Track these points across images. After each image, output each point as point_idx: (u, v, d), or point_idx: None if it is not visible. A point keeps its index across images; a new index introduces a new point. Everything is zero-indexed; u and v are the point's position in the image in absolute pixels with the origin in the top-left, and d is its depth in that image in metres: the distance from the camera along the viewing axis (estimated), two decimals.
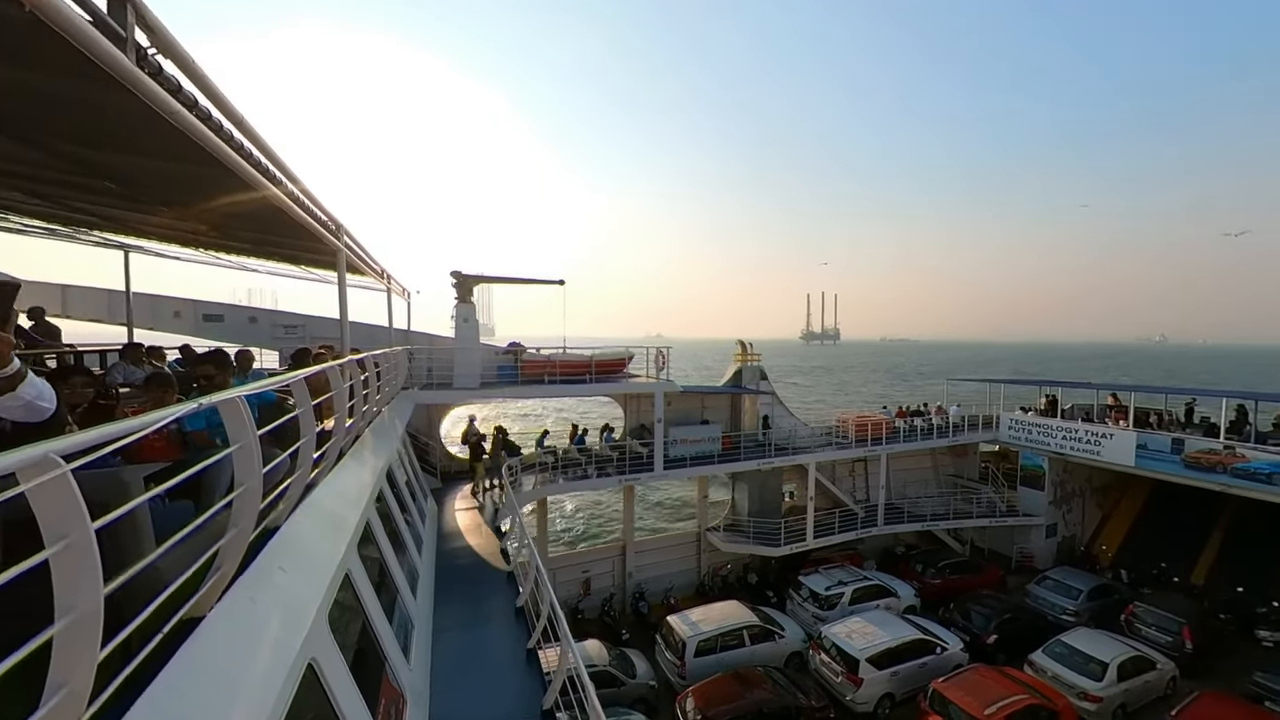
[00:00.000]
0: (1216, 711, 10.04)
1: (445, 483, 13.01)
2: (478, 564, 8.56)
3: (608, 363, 14.83)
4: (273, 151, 3.34)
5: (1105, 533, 19.37)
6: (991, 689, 10.37)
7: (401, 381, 10.32)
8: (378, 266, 9.00)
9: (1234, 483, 14.36)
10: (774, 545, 15.68)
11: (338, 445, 4.46)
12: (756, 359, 18.17)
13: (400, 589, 5.83)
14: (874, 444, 17.73)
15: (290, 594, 3.00)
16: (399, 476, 8.36)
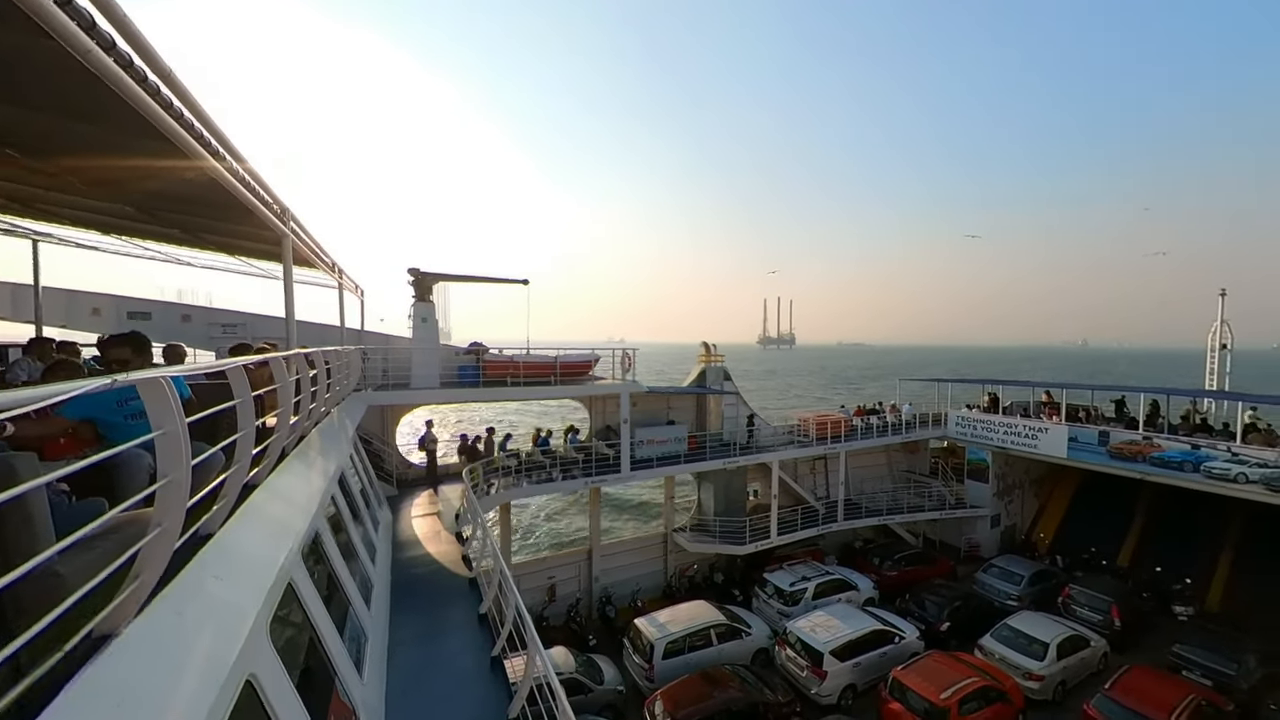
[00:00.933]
0: (1143, 682, 10.83)
1: (401, 490, 12.39)
2: (437, 572, 8.15)
3: (573, 365, 14.59)
4: (206, 114, 3.02)
5: (1042, 521, 20.73)
6: (946, 674, 10.81)
7: (354, 382, 9.74)
8: (328, 259, 8.46)
9: (1151, 470, 15.68)
10: (739, 544, 15.84)
11: (280, 443, 4.09)
12: (720, 360, 18.38)
13: (352, 600, 5.45)
14: (833, 442, 18.27)
15: (225, 605, 2.69)
16: (351, 482, 7.87)
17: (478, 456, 13.45)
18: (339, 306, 10.57)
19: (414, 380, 12.33)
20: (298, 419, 4.67)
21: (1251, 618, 14.87)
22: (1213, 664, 12.04)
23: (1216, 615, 15.33)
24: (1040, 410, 19.69)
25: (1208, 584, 16.32)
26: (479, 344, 13.33)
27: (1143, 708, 10.08)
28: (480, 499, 11.48)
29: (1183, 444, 15.36)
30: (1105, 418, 18.47)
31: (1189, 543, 17.37)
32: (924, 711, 10.16)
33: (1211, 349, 22.20)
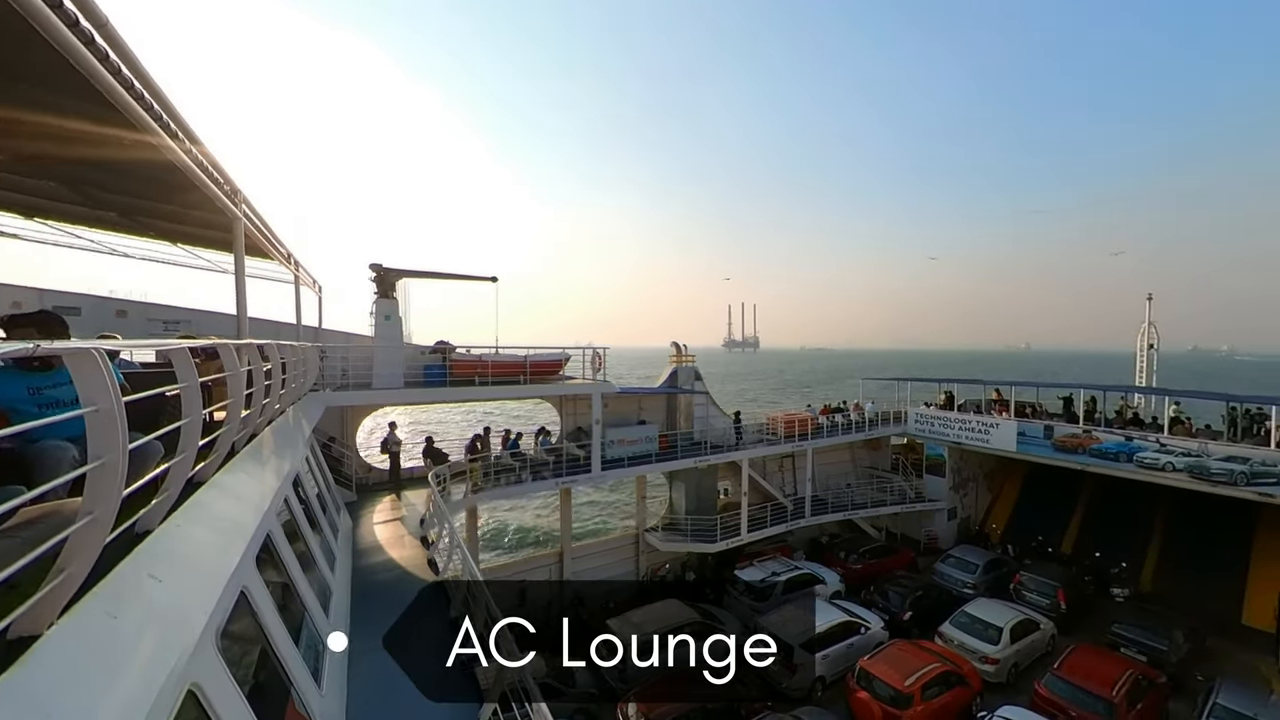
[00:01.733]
0: (1087, 661, 11.50)
1: (362, 495, 11.85)
2: (401, 577, 7.81)
3: (543, 364, 14.36)
4: (149, 76, 2.77)
5: (994, 512, 21.81)
6: (910, 662, 11.17)
7: (311, 381, 9.25)
8: (284, 249, 8.01)
9: (1090, 461, 16.77)
10: (710, 541, 15.94)
11: (230, 438, 3.81)
12: (691, 360, 18.52)
13: (309, 607, 5.14)
14: (800, 440, 18.68)
15: (166, 608, 2.46)
16: (308, 486, 7.45)
17: (442, 459, 13.03)
18: (295, 302, 10.02)
19: (376, 380, 11.83)
20: (250, 413, 4.37)
21: (1179, 596, 16.10)
22: (1147, 640, 12.92)
23: (1149, 595, 16.51)
24: (991, 407, 20.77)
25: (1141, 566, 17.54)
26: (445, 343, 12.93)
27: (1088, 684, 10.70)
28: (447, 503, 11.11)
29: (1118, 436, 16.51)
30: (1049, 413, 19.65)
31: (1124, 529, 18.65)
32: (890, 699, 10.46)
33: (1141, 349, 24.01)
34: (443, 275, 13.83)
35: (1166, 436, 16.02)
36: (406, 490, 12.54)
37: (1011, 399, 20.33)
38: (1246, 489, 13.87)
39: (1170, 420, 17.14)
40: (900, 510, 20.00)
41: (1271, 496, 13.58)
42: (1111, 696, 10.35)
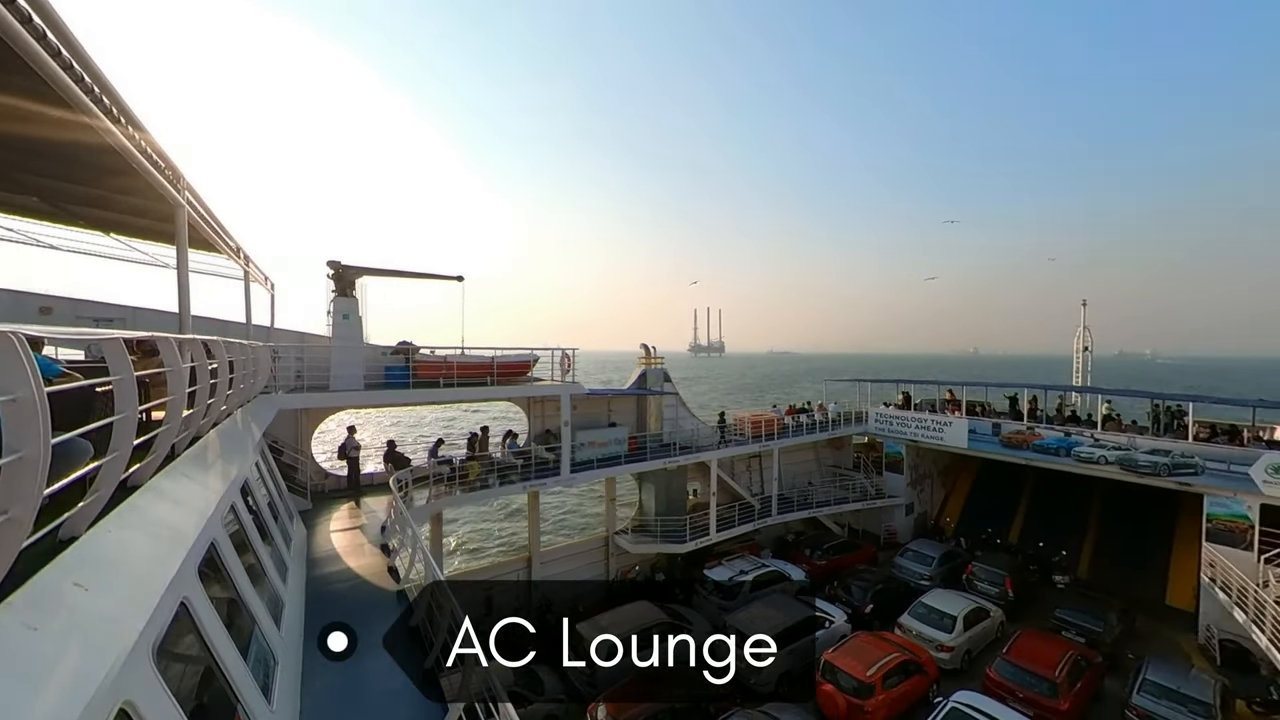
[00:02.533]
0: (1033, 645, 12.17)
1: (318, 503, 11.31)
2: (360, 586, 7.49)
3: (511, 365, 14.12)
4: (81, 48, 2.57)
5: (948, 507, 22.85)
6: (871, 653, 11.53)
7: (263, 382, 8.77)
8: (233, 242, 7.57)
9: (1034, 457, 17.84)
10: (680, 542, 16.03)
11: (169, 439, 3.56)
12: (659, 362, 18.62)
13: (259, 620, 4.86)
14: (767, 440, 19.06)
15: (94, 620, 2.27)
16: (258, 493, 7.06)
17: (405, 464, 12.59)
18: (245, 299, 9.48)
19: (334, 382, 11.33)
20: (192, 413, 4.10)
21: (1112, 580, 17.30)
22: (1084, 623, 13.81)
23: (1086, 581, 17.66)
24: (945, 406, 21.80)
25: (1079, 554, 18.75)
26: (408, 343, 12.52)
27: (1034, 666, 11.33)
28: (410, 509, 10.74)
29: (1057, 432, 17.63)
30: (997, 412, 20.78)
31: (1063, 519, 19.90)
32: (853, 689, 10.77)
33: (1076, 351, 25.75)
34: (405, 274, 13.39)
35: (1100, 432, 17.23)
36: (366, 497, 12.04)
37: (963, 399, 21.42)
38: (1169, 479, 15.08)
39: (1103, 417, 18.44)
40: (862, 507, 20.68)
41: (1189, 485, 14.81)
42: (1054, 677, 10.99)
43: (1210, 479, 14.54)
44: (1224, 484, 14.26)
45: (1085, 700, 11.27)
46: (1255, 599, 11.81)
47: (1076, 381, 25.51)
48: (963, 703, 9.85)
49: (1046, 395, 19.90)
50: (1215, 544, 14.12)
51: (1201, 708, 10.25)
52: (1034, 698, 10.80)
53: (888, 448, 21.91)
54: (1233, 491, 14.06)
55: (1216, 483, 14.40)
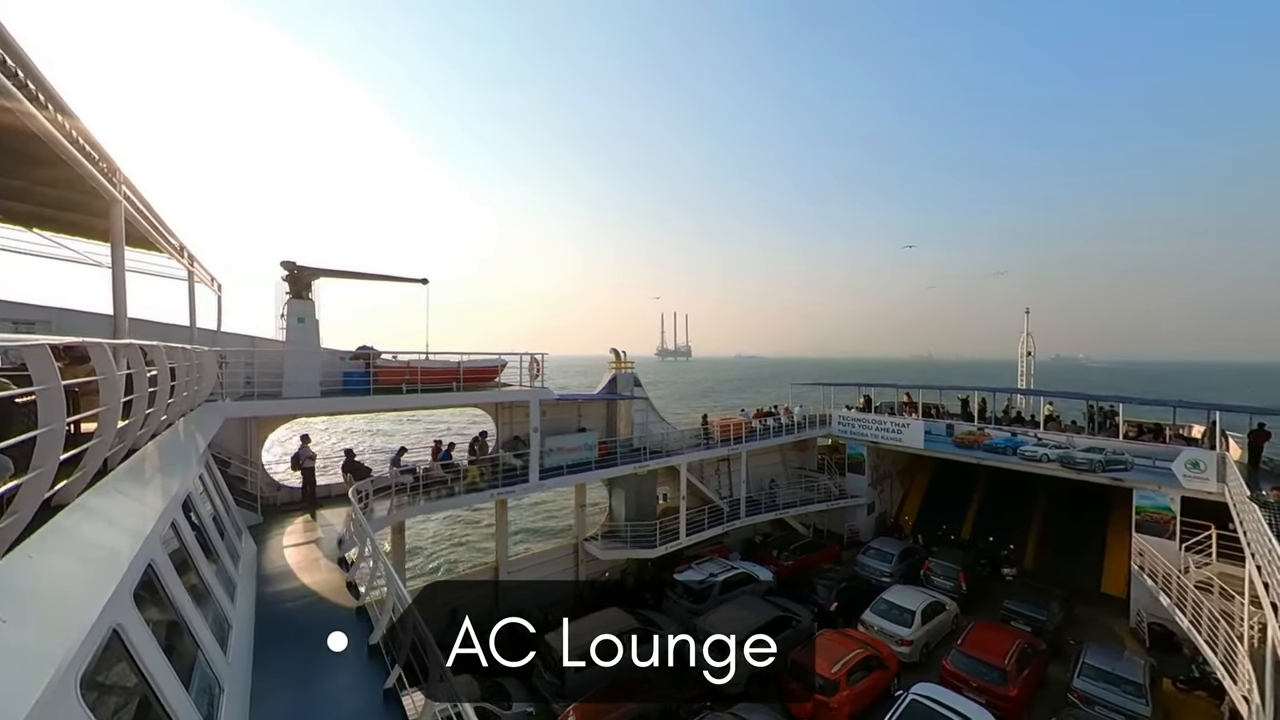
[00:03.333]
0: (984, 635, 12.79)
1: (270, 517, 10.70)
2: (316, 604, 7.12)
3: (478, 370, 13.82)
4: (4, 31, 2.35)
5: (906, 505, 23.79)
6: (836, 650, 11.84)
7: (208, 389, 8.24)
8: (176, 241, 7.09)
9: (984, 456, 18.81)
10: (650, 547, 16.03)
11: (101, 453, 3.29)
12: (629, 366, 18.64)
13: (203, 645, 4.54)
14: (736, 443, 19.35)
15: (11, 652, 2.07)
16: (202, 508, 6.62)
17: (364, 474, 12.09)
18: (189, 301, 8.89)
19: (288, 389, 10.76)
20: (128, 424, 3.81)
21: (1054, 571, 18.41)
22: (1030, 613, 14.62)
23: (1031, 572, 18.72)
24: (903, 409, 22.72)
25: (1025, 547, 19.87)
26: (368, 348, 12.06)
27: (986, 656, 11.90)
28: (370, 520, 10.31)
29: (1005, 432, 18.67)
30: (950, 413, 21.83)
31: (1011, 514, 21.06)
32: (818, 686, 11.01)
33: (1021, 356, 27.38)
34: (366, 276, 12.90)
35: (1042, 432, 18.35)
36: (322, 509, 11.49)
37: (920, 401, 22.38)
38: (1103, 475, 16.21)
39: (1045, 417, 19.65)
40: (826, 507, 21.25)
41: (1120, 480, 15.96)
42: (1004, 665, 11.58)
43: (1138, 474, 15.72)
44: (1150, 478, 15.44)
45: (1032, 685, 11.92)
46: (1178, 584, 12.81)
47: (1021, 384, 27.12)
48: (922, 694, 10.24)
49: (994, 397, 21.08)
50: (1143, 534, 15.25)
51: (1133, 688, 11.03)
52: (986, 686, 11.34)
53: (850, 449, 22.64)
54: (1157, 485, 15.24)
55: (1143, 478, 15.57)
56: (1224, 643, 10.40)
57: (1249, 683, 8.94)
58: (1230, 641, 10.25)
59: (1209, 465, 14.45)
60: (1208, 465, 14.47)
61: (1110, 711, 10.70)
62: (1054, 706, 11.21)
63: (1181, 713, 11.60)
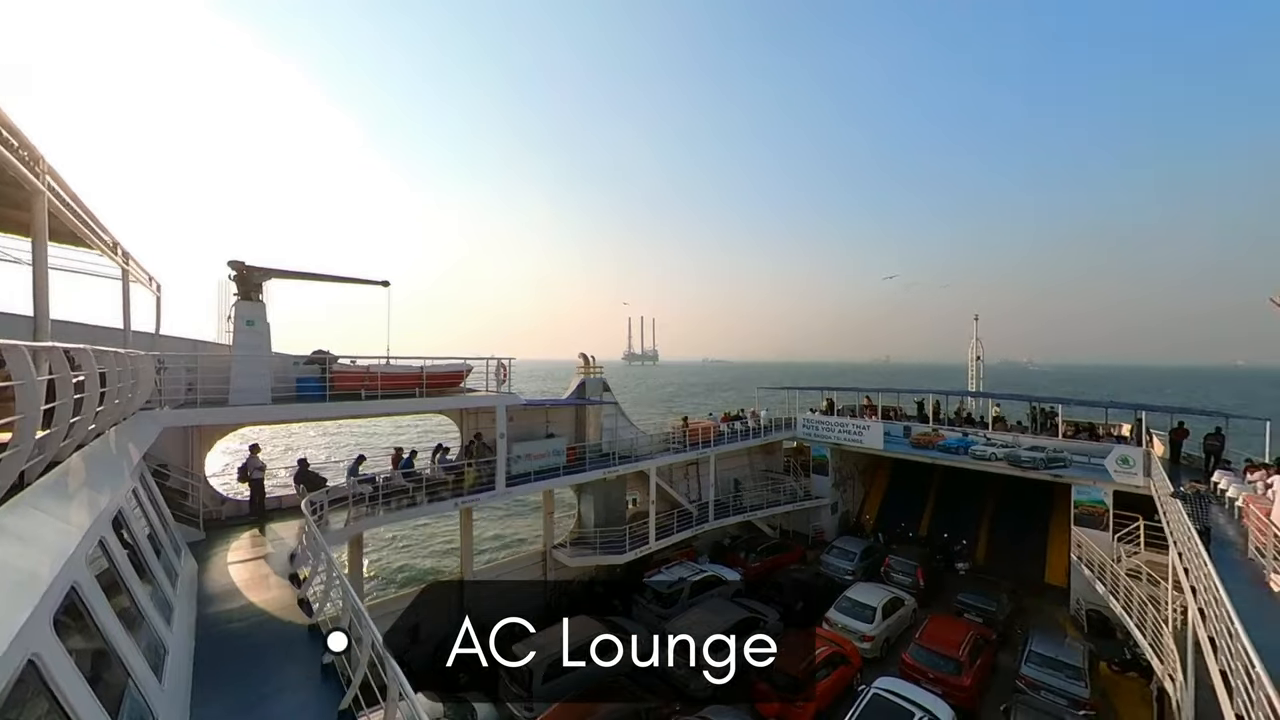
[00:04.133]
0: (940, 629, 13.34)
1: (214, 533, 10.04)
2: (264, 624, 6.71)
3: (442, 375, 13.43)
4: None
5: (868, 504, 24.60)
6: (802, 649, 12.07)
7: (144, 396, 7.68)
8: (108, 237, 6.58)
9: (938, 455, 19.69)
10: (620, 552, 15.94)
11: (17, 464, 3.01)
12: (598, 371, 18.56)
13: (135, 673, 4.20)
14: (704, 446, 19.54)
15: None
16: (136, 525, 6.15)
17: (319, 484, 11.53)
18: (123, 302, 8.26)
19: (235, 395, 10.14)
20: (50, 434, 3.49)
21: (1003, 564, 19.41)
22: (982, 605, 15.35)
23: (982, 566, 19.68)
24: (863, 411, 23.53)
25: (976, 542, 20.88)
26: (324, 352, 11.53)
27: (941, 648, 12.41)
28: (325, 533, 9.82)
29: (957, 433, 19.61)
30: (907, 415, 22.76)
31: (964, 511, 22.10)
32: (786, 685, 11.19)
33: (971, 360, 28.87)
34: (322, 277, 12.34)
35: (991, 432, 19.37)
36: (272, 523, 10.88)
37: (879, 404, 23.25)
38: (1045, 472, 17.25)
39: (994, 419, 20.76)
40: (792, 508, 21.72)
41: (1060, 477, 17.03)
42: (959, 656, 12.11)
43: (1075, 471, 16.82)
44: (1086, 474, 16.54)
45: (985, 674, 12.50)
46: (1111, 573, 13.74)
47: (972, 387, 28.57)
48: (883, 689, 10.56)
49: (947, 400, 22.13)
50: (1081, 527, 16.30)
51: (1074, 672, 11.74)
52: (942, 677, 11.81)
53: (814, 451, 23.24)
54: (1092, 481, 16.34)
55: (1080, 474, 16.67)
56: (1151, 626, 11.21)
57: (1174, 662, 9.67)
58: (1157, 624, 11.06)
59: (1137, 461, 15.61)
60: (1136, 461, 15.63)
61: (1054, 695, 11.33)
62: (1004, 693, 11.78)
63: (1116, 693, 12.42)
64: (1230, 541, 9.24)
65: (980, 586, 16.55)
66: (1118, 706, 11.96)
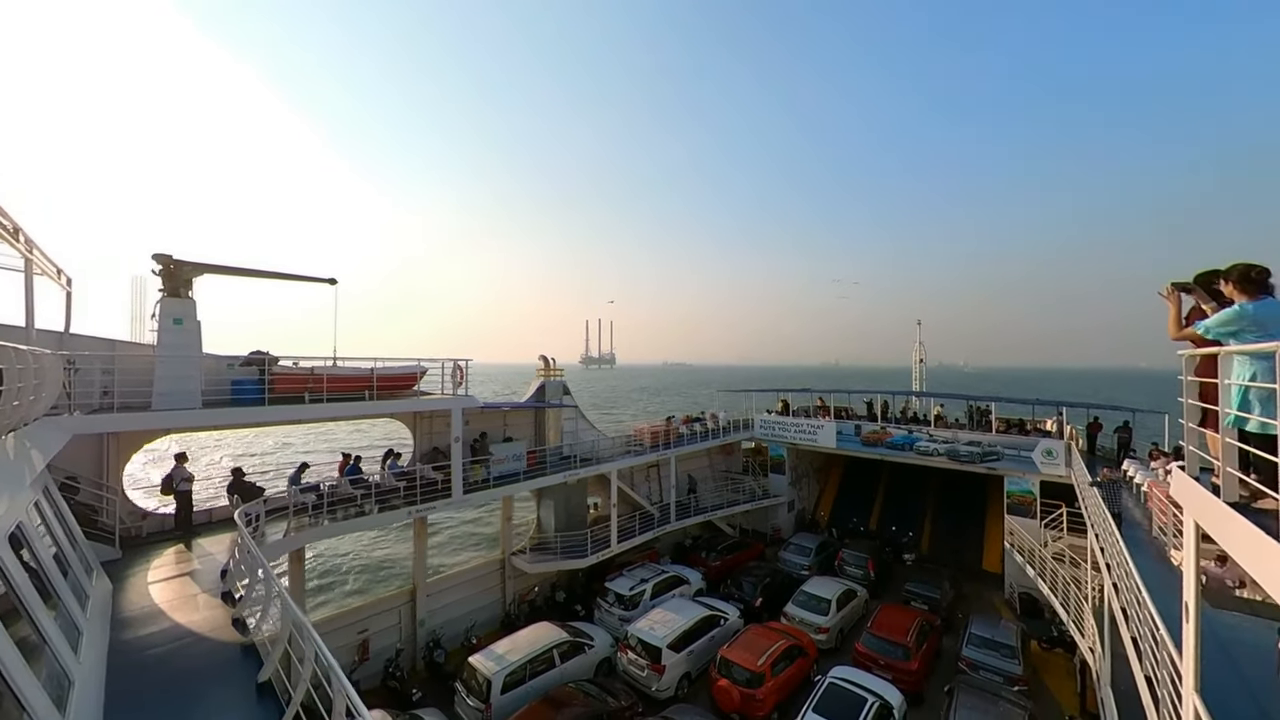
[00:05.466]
0: (890, 617, 13.96)
1: (132, 550, 9.14)
2: (189, 646, 6.16)
3: (394, 378, 12.87)
4: None
5: (822, 501, 25.51)
6: (760, 643, 12.33)
7: (49, 401, 6.90)
8: (7, 221, 5.88)
9: (886, 452, 20.69)
10: (581, 556, 15.74)
11: None
12: (559, 374, 18.34)
13: (33, 708, 3.75)
14: (664, 448, 19.66)
15: None
16: (38, 544, 5.52)
17: (255, 494, 10.74)
18: (25, 296, 7.40)
19: (159, 399, 9.29)
20: None
21: (945, 554, 20.58)
22: (926, 593, 16.22)
23: (926, 556, 20.80)
24: (817, 412, 24.42)
25: (921, 534, 22.05)
26: (262, 352, 10.78)
27: (891, 635, 13.00)
28: (262, 546, 9.14)
29: (903, 430, 20.68)
30: (857, 415, 23.81)
31: (910, 504, 23.30)
32: (745, 680, 11.37)
33: (914, 362, 30.58)
34: (260, 274, 11.51)
35: (933, 429, 20.56)
36: (201, 538, 10.03)
37: (831, 404, 24.20)
38: (980, 465, 18.47)
39: (935, 417, 22.05)
40: (751, 507, 22.19)
41: (995, 469, 18.28)
42: (906, 642, 12.72)
43: (1008, 463, 18.11)
44: (1016, 467, 17.85)
45: (930, 657, 13.19)
46: (1039, 557, 14.86)
47: (916, 387, 30.23)
48: (838, 677, 10.94)
49: (894, 399, 23.32)
50: (1013, 515, 17.56)
51: (1009, 651, 12.60)
52: (892, 663, 12.37)
53: (771, 451, 23.89)
54: (1022, 473, 17.64)
55: (1012, 466, 17.97)
56: (1074, 604, 12.19)
57: (1093, 636, 10.55)
58: (1078, 602, 12.03)
59: (1059, 453, 16.99)
60: (1058, 453, 17.01)
61: (991, 674, 12.10)
62: (948, 675, 12.46)
63: (1045, 669, 13.43)
64: (1138, 523, 10.21)
65: (925, 576, 17.47)
66: (1046, 680, 12.93)
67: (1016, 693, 11.11)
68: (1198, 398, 4.07)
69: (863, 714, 9.86)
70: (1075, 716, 11.25)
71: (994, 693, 10.70)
